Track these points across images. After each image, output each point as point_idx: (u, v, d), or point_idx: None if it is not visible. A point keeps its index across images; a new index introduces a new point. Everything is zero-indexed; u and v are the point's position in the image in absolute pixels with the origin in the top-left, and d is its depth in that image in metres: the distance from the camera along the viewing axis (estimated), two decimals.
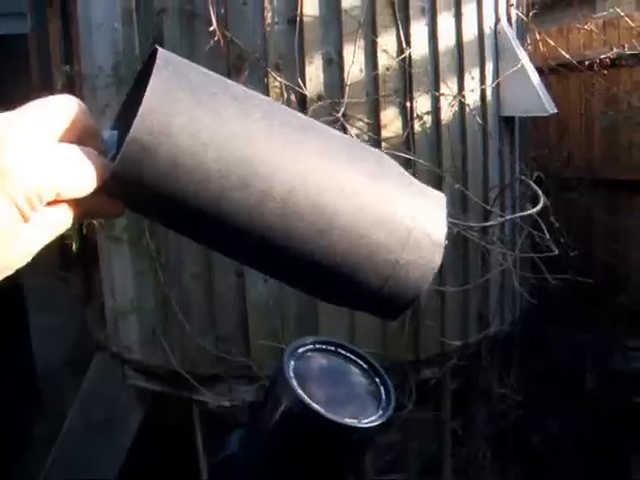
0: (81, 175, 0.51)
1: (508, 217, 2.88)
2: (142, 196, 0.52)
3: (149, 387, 3.37)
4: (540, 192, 2.76)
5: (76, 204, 0.52)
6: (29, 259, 0.52)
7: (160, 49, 0.53)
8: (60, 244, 3.17)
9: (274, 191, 0.53)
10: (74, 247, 2.82)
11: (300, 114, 0.59)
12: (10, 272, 0.51)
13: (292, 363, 0.63)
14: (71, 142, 0.52)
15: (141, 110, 0.49)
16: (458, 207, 3.05)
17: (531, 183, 2.90)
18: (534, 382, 4.00)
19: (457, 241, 3.03)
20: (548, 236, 2.99)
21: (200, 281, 3.00)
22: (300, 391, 0.60)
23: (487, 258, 3.14)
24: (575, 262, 3.37)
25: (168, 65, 0.52)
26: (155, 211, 0.55)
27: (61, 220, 0.52)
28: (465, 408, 3.62)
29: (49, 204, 0.50)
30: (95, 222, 3.03)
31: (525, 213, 2.70)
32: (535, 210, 2.66)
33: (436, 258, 0.58)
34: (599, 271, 4.55)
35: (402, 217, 0.57)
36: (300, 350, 0.66)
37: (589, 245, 4.61)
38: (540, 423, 4.13)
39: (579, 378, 4.17)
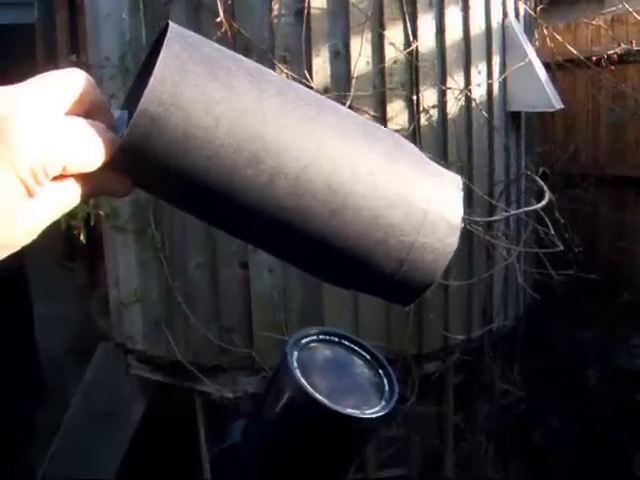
0: (89, 148, 0.49)
1: (513, 212, 2.87)
2: (151, 171, 0.51)
3: (152, 377, 3.38)
4: (546, 187, 2.75)
5: (83, 180, 0.50)
6: (34, 237, 0.50)
7: (172, 23, 0.51)
8: (65, 233, 3.18)
9: (287, 168, 0.51)
10: (82, 238, 2.82)
11: (314, 92, 0.58)
12: (14, 250, 0.49)
13: (295, 353, 0.63)
14: (79, 116, 0.51)
15: (151, 81, 0.48)
16: (463, 201, 3.04)
17: (537, 178, 2.89)
18: (537, 378, 4.00)
19: (462, 235, 3.01)
20: (553, 232, 2.99)
21: (204, 272, 3.00)
22: (304, 381, 0.60)
23: (492, 253, 3.14)
24: (580, 258, 3.37)
25: (180, 38, 0.51)
26: (164, 188, 0.54)
27: (68, 196, 0.50)
28: (468, 403, 3.62)
29: (56, 179, 0.49)
30: (101, 212, 3.04)
31: (530, 208, 2.69)
32: (540, 205, 2.65)
33: (452, 241, 0.57)
34: (604, 268, 4.53)
35: (418, 199, 0.55)
36: (304, 341, 0.66)
37: (594, 241, 4.60)
38: (542, 419, 4.13)
39: (582, 375, 4.16)
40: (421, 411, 3.21)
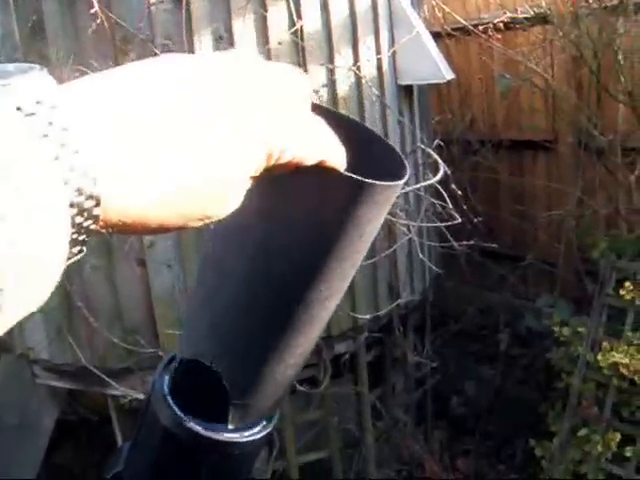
0: (340, 150, 0.46)
1: (409, 188, 2.88)
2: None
3: (61, 385, 3.28)
4: (440, 161, 2.76)
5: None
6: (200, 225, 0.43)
7: None
8: None
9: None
10: None
11: None
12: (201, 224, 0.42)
13: (167, 378, 0.59)
14: None
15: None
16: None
17: (431, 151, 2.90)
18: (450, 347, 4.07)
19: None
20: (453, 203, 3.00)
21: (101, 273, 2.90)
22: (176, 409, 0.56)
23: (393, 229, 3.14)
24: (482, 226, 3.41)
25: None
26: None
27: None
28: (383, 379, 3.65)
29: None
30: None
31: (426, 183, 2.70)
32: (435, 179, 2.65)
33: None
34: (508, 232, 4.64)
35: None
36: (175, 362, 0.61)
37: (497, 206, 4.69)
38: (458, 386, 4.20)
39: (494, 339, 4.26)
40: (336, 392, 3.21)
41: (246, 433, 0.58)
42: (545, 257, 4.27)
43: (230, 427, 0.57)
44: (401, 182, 0.50)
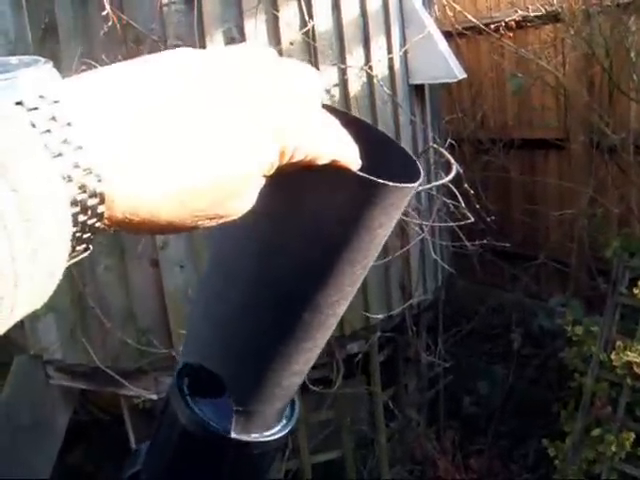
0: (353, 150, 0.45)
1: (421, 187, 2.87)
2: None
3: (74, 386, 3.29)
4: (452, 160, 2.75)
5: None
6: (211, 224, 0.41)
7: None
8: None
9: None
10: None
11: None
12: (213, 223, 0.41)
13: (186, 379, 0.59)
14: None
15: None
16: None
17: (443, 151, 2.89)
18: (463, 346, 4.05)
19: None
20: (466, 202, 3.00)
21: (114, 273, 2.91)
22: (195, 408, 0.56)
23: (406, 229, 3.14)
24: (494, 226, 3.40)
25: None
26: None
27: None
28: (396, 379, 3.64)
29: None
30: None
31: (438, 182, 2.69)
32: (448, 179, 2.65)
33: None
34: (519, 231, 4.62)
35: None
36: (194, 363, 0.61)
37: (508, 206, 4.67)
38: (470, 385, 4.19)
39: (506, 338, 4.24)
40: (349, 392, 3.20)
41: (266, 433, 0.58)
42: (557, 256, 4.26)
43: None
44: (415, 185, 0.48)
